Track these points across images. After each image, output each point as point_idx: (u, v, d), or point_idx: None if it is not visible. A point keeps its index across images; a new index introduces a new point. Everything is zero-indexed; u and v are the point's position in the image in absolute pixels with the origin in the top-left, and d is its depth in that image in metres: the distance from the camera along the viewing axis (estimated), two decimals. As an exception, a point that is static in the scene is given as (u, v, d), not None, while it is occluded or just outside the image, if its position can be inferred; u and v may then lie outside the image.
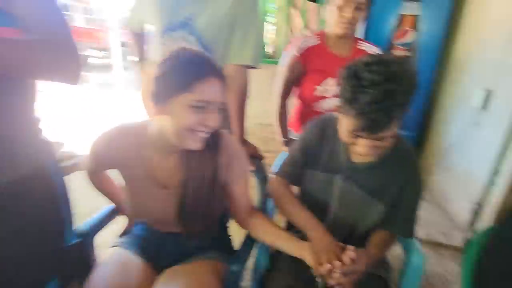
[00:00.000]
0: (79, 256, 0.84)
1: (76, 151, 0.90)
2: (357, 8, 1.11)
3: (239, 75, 1.08)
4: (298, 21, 2.32)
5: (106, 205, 0.97)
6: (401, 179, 0.81)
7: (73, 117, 3.64)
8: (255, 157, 1.10)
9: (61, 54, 0.59)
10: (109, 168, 0.85)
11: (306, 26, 2.30)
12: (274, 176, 0.95)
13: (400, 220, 0.83)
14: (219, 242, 0.92)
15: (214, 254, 0.86)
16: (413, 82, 0.65)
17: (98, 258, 0.91)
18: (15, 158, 0.61)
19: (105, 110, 4.01)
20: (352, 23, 1.14)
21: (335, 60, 1.20)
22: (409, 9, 2.20)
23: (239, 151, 0.82)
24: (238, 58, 1.07)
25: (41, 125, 0.68)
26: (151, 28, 1.10)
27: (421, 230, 1.82)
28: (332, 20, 1.17)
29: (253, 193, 1.09)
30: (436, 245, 1.75)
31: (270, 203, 1.03)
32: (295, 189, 0.95)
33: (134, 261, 0.82)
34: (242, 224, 0.87)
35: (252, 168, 1.08)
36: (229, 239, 1.00)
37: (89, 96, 4.68)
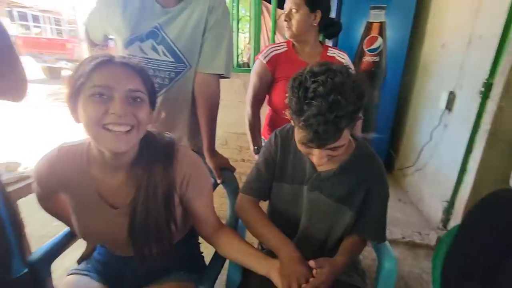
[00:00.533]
0: (34, 284, 0.76)
1: (31, 172, 0.83)
2: (292, 12, 1.15)
3: (210, 84, 1.07)
4: (269, 28, 2.34)
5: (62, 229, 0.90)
6: (367, 183, 0.80)
7: (32, 134, 3.45)
8: (227, 169, 1.07)
9: (3, 70, 0.55)
10: (56, 192, 0.76)
11: (277, 33, 2.32)
12: (240, 193, 0.91)
13: (370, 224, 0.83)
14: (186, 261, 0.86)
15: (181, 275, 0.81)
16: (360, 92, 0.64)
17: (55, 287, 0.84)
18: None
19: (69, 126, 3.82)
20: (289, 27, 1.17)
21: (303, 66, 1.20)
22: (376, 17, 2.28)
23: (198, 164, 0.77)
24: (208, 67, 1.05)
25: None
26: (114, 38, 1.06)
27: (397, 231, 1.84)
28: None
29: (224, 207, 1.06)
30: (412, 245, 1.78)
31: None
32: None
33: (94, 288, 0.76)
34: (209, 241, 0.83)
35: (221, 180, 1.05)
36: (200, 257, 0.95)
37: (56, 111, 4.46)
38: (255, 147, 1.32)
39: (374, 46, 2.34)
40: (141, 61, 0.68)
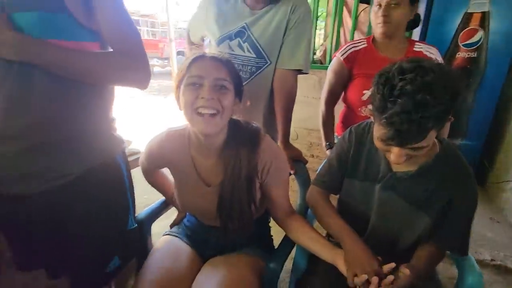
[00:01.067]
0: (138, 239, 0.95)
1: (139, 149, 1.03)
2: (391, 6, 1.08)
3: (288, 79, 1.13)
4: (349, 24, 2.27)
5: (159, 198, 1.09)
6: (451, 191, 0.75)
7: (139, 118, 4.08)
8: (299, 161, 1.13)
9: (134, 64, 0.70)
10: (162, 167, 0.96)
11: (358, 29, 2.23)
12: (311, 185, 0.95)
13: (451, 235, 0.77)
14: (260, 240, 0.96)
15: (254, 251, 0.90)
16: (454, 92, 0.60)
17: (153, 244, 1.02)
18: (93, 149, 0.74)
19: (165, 113, 4.40)
20: (388, 22, 1.10)
21: (385, 63, 1.15)
22: (478, 6, 2.00)
23: (279, 154, 0.85)
24: (288, 63, 1.12)
25: (115, 124, 0.81)
26: (208, 38, 1.22)
27: (485, 252, 1.62)
28: (372, 22, 1.17)
29: (295, 197, 1.11)
30: (504, 270, 1.54)
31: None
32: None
33: (184, 249, 0.91)
34: (280, 225, 0.90)
35: (294, 171, 1.10)
36: (270, 239, 1.03)
37: (151, 100, 5.18)
38: (327, 143, 1.33)
39: (473, 40, 2.05)
40: (229, 57, 0.80)
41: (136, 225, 0.92)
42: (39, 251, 0.77)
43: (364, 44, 1.22)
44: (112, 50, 0.70)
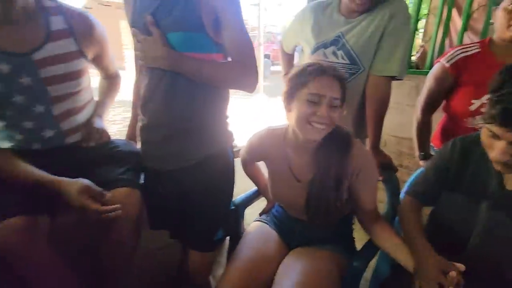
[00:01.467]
0: (234, 220, 1.12)
1: (238, 143, 1.20)
2: None
3: (381, 86, 1.14)
4: (457, 24, 2.01)
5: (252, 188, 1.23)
6: None
7: (235, 117, 4.57)
8: (388, 168, 1.12)
9: (247, 71, 0.85)
10: (259, 160, 1.09)
11: (470, 30, 1.96)
12: (405, 194, 0.94)
13: None
14: (342, 239, 1.00)
15: (337, 248, 0.95)
16: None
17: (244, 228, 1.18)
18: (212, 140, 0.92)
19: (252, 113, 4.75)
20: None
21: None
22: None
23: (369, 160, 0.89)
24: (382, 70, 1.13)
25: (228, 120, 0.98)
26: (303, 47, 1.32)
27: None
28: (499, 23, 1.04)
29: (382, 205, 1.11)
30: None
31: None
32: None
33: (272, 235, 1.03)
34: (365, 228, 0.93)
35: (382, 178, 1.10)
36: (352, 240, 1.06)
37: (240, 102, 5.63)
38: (422, 153, 1.27)
39: None
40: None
41: (234, 207, 1.09)
42: (167, 215, 1.00)
43: (476, 48, 1.11)
44: (231, 60, 0.86)
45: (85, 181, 0.83)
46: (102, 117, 1.09)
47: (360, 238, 1.03)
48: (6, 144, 0.91)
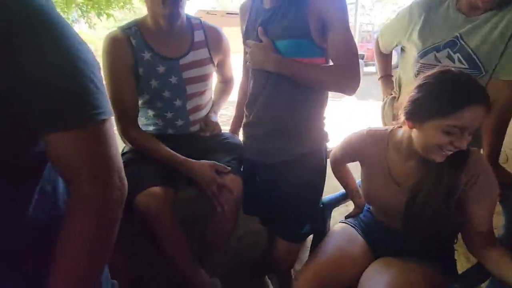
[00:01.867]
0: (321, 218, 1.15)
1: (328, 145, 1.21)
2: None
3: (504, 91, 1.00)
4: None
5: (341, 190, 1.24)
6: None
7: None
8: (508, 187, 0.96)
9: (349, 75, 0.87)
10: (353, 160, 1.07)
11: None
12: None
13: None
14: (442, 257, 0.92)
15: (435, 264, 0.87)
16: None
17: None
18: (309, 139, 0.99)
19: (340, 115, 4.62)
20: None
21: None
22: None
23: (489, 169, 0.79)
24: (508, 74, 0.99)
25: (325, 121, 1.03)
26: (405, 48, 1.22)
27: None
28: None
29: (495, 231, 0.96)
30: None
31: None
32: None
33: (358, 238, 1.02)
34: (473, 250, 0.83)
35: (500, 198, 0.95)
36: (453, 259, 0.96)
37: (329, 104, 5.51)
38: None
39: None
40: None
41: (322, 205, 1.13)
42: (260, 203, 1.11)
43: None
44: (333, 63, 0.90)
45: (210, 161, 1.04)
46: (216, 113, 1.31)
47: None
48: (151, 129, 1.19)
